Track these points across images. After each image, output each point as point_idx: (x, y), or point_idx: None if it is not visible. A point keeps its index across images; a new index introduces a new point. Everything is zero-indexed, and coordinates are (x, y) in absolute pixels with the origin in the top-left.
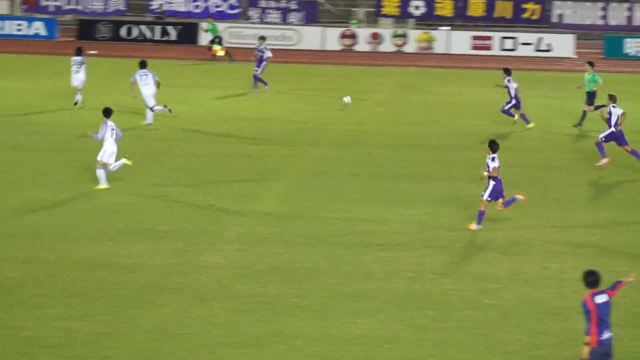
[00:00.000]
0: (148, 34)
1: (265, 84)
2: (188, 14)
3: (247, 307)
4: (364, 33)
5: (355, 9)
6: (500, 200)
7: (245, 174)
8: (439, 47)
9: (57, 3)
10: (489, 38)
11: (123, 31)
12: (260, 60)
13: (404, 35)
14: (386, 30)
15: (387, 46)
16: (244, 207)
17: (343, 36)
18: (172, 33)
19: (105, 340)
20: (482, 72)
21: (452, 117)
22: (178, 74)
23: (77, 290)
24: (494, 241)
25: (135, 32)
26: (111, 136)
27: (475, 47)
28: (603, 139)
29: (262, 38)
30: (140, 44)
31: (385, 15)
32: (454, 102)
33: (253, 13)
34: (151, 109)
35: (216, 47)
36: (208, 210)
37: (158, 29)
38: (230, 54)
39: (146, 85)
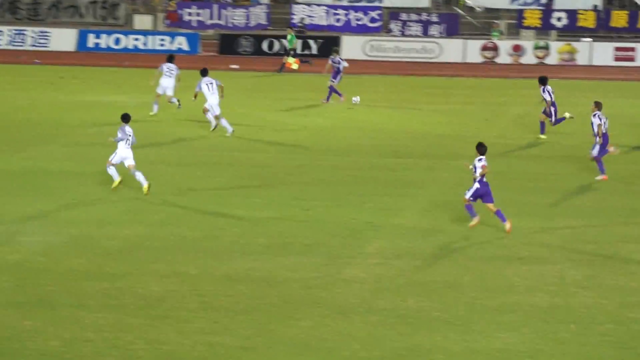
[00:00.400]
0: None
1: (340, 95)
2: (330, 27)
3: (387, 321)
4: (505, 45)
5: (497, 21)
6: (491, 205)
7: (387, 187)
8: (581, 59)
9: (200, 18)
10: (632, 49)
11: (265, 45)
12: (337, 72)
13: (545, 47)
14: (528, 42)
15: (529, 58)
16: (385, 220)
17: (484, 48)
18: (313, 47)
19: (246, 354)
20: (625, 84)
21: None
22: (317, 87)
23: (219, 304)
24: (637, 254)
25: (276, 46)
26: (125, 142)
27: (618, 59)
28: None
29: (335, 51)
30: (281, 58)
31: (527, 27)
32: None
33: (394, 26)
34: (218, 117)
35: (290, 60)
36: (349, 224)
37: (299, 42)
38: (306, 60)
39: (213, 94)
